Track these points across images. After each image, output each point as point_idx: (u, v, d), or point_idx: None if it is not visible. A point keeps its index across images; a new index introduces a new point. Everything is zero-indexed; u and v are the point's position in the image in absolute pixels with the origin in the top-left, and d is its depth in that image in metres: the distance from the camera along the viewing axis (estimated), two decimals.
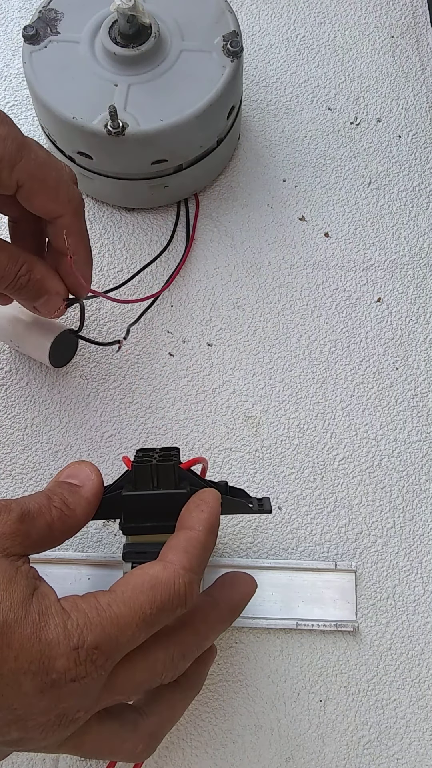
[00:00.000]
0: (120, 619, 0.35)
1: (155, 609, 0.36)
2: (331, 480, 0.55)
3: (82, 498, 0.40)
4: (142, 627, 0.36)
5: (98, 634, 0.34)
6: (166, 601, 0.36)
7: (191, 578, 0.37)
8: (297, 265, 0.62)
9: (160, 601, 0.36)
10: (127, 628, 0.35)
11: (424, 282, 0.61)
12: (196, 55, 0.57)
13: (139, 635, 0.36)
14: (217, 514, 0.40)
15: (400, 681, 0.51)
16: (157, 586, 0.36)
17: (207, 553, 0.39)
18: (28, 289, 0.48)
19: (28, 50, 0.57)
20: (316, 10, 0.71)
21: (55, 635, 0.34)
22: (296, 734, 0.50)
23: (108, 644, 0.35)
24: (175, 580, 0.37)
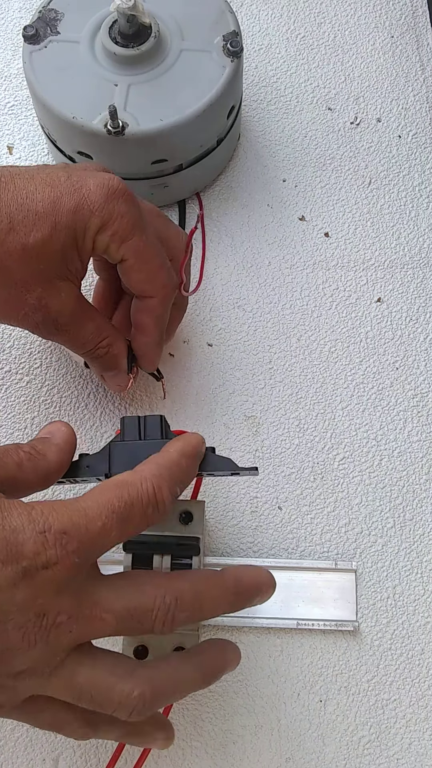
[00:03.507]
0: (87, 510, 0.36)
1: (123, 503, 0.36)
2: (331, 480, 0.55)
3: (51, 444, 0.41)
4: (112, 519, 0.36)
5: (65, 521, 0.35)
6: (134, 498, 0.36)
7: (160, 483, 0.37)
8: (297, 265, 0.62)
9: (128, 496, 0.36)
10: (96, 519, 0.35)
11: (424, 282, 0.61)
12: (196, 55, 0.57)
13: (110, 528, 0.36)
14: (193, 444, 0.41)
15: (400, 681, 0.51)
16: (124, 485, 0.37)
17: (181, 472, 0.39)
18: (104, 361, 0.50)
19: (28, 50, 0.57)
20: (316, 10, 0.71)
21: (19, 521, 0.34)
22: (296, 734, 0.50)
23: (77, 530, 0.35)
24: (142, 481, 0.37)
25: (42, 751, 0.50)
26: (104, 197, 0.45)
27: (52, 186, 0.45)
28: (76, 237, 0.45)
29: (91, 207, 0.44)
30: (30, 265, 0.44)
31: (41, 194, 0.44)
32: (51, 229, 0.44)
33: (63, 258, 0.45)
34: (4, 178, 0.45)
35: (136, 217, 0.46)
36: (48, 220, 0.44)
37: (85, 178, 0.45)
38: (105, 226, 0.45)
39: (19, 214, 0.44)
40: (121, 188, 0.45)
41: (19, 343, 0.59)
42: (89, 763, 0.50)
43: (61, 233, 0.44)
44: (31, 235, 0.44)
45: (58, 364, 0.58)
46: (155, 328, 0.49)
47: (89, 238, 0.45)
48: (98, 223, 0.45)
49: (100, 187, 0.45)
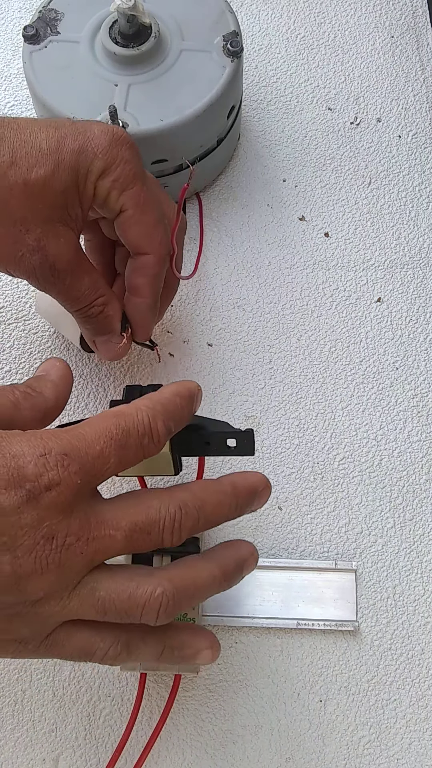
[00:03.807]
0: (86, 435, 0.36)
1: (120, 431, 0.37)
2: (331, 480, 0.55)
3: (47, 381, 0.41)
4: (110, 446, 0.36)
5: (65, 445, 0.35)
6: (131, 426, 0.37)
7: (155, 415, 0.38)
8: (297, 265, 0.62)
9: (124, 425, 0.37)
10: (94, 443, 0.36)
11: (424, 282, 0.61)
12: (196, 55, 0.57)
13: (108, 454, 0.36)
14: (188, 386, 0.42)
15: (400, 681, 0.51)
16: (121, 415, 0.37)
17: (175, 409, 0.40)
18: (96, 322, 0.49)
19: (28, 50, 0.57)
20: (316, 10, 0.71)
21: (19, 448, 0.34)
22: (296, 734, 0.50)
23: (77, 453, 0.35)
24: (138, 412, 0.38)
25: (42, 751, 0.50)
26: (108, 142, 0.44)
27: (57, 128, 0.45)
28: (78, 179, 0.44)
29: (95, 150, 0.44)
30: (31, 203, 0.44)
31: (45, 134, 0.44)
32: (54, 167, 0.44)
33: (64, 200, 0.45)
34: (8, 120, 0.45)
35: (138, 166, 0.46)
36: (51, 158, 0.43)
37: (90, 125, 0.45)
38: (107, 170, 0.44)
39: (21, 150, 0.43)
40: (125, 137, 0.45)
41: (19, 342, 0.59)
42: (89, 763, 0.50)
43: (63, 173, 0.44)
44: (33, 171, 0.43)
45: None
46: (150, 288, 0.48)
47: (91, 182, 0.45)
48: (101, 167, 0.44)
49: (105, 133, 0.45)
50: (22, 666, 0.52)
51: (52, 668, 0.52)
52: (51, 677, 0.51)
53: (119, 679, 0.51)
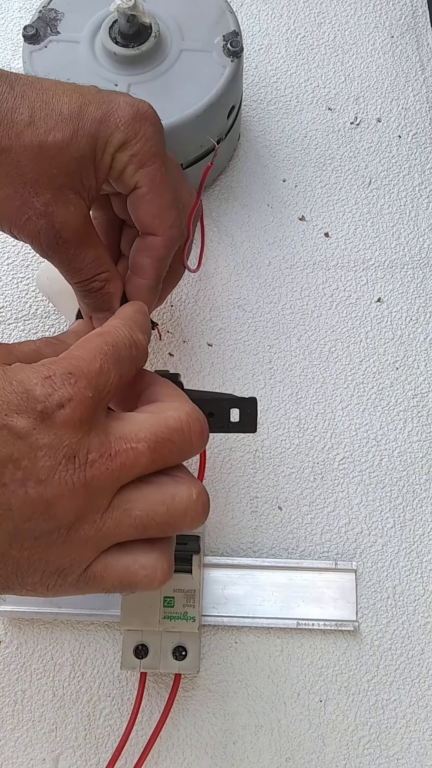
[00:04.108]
0: (82, 355, 0.36)
1: (110, 346, 0.37)
2: (331, 480, 0.55)
3: (72, 332, 0.42)
4: (107, 361, 0.36)
5: (66, 366, 0.35)
6: (117, 340, 0.38)
7: (132, 327, 0.39)
8: (297, 265, 0.62)
9: (112, 340, 0.37)
10: (92, 361, 0.36)
11: (424, 282, 0.61)
12: (196, 54, 0.57)
13: (107, 369, 0.36)
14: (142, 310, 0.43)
15: (400, 681, 0.51)
16: (104, 334, 0.38)
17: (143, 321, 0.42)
18: (95, 297, 0.48)
19: (28, 50, 0.57)
20: (316, 10, 0.71)
21: (24, 374, 0.34)
22: (296, 734, 0.50)
23: (80, 371, 0.35)
24: (116, 329, 0.39)
25: (42, 751, 0.50)
26: (132, 115, 0.44)
27: (82, 93, 0.44)
28: (96, 149, 0.44)
29: (118, 121, 0.43)
30: (44, 166, 0.43)
31: (69, 98, 0.43)
32: (72, 133, 0.43)
33: (79, 168, 0.44)
34: (32, 78, 0.44)
35: (159, 144, 0.45)
36: (71, 123, 0.43)
37: (116, 95, 0.44)
38: (128, 143, 0.44)
39: (41, 111, 0.43)
40: (150, 113, 0.44)
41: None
42: (89, 763, 0.50)
43: (82, 140, 0.43)
44: (51, 134, 0.42)
45: None
46: (153, 270, 0.47)
47: (109, 153, 0.44)
48: (122, 139, 0.43)
49: (130, 106, 0.44)
50: (22, 666, 0.52)
51: (52, 668, 0.52)
52: (51, 677, 0.51)
53: (119, 679, 0.51)
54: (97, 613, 0.52)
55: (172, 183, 0.46)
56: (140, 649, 0.49)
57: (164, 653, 0.49)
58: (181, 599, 0.48)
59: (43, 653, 0.52)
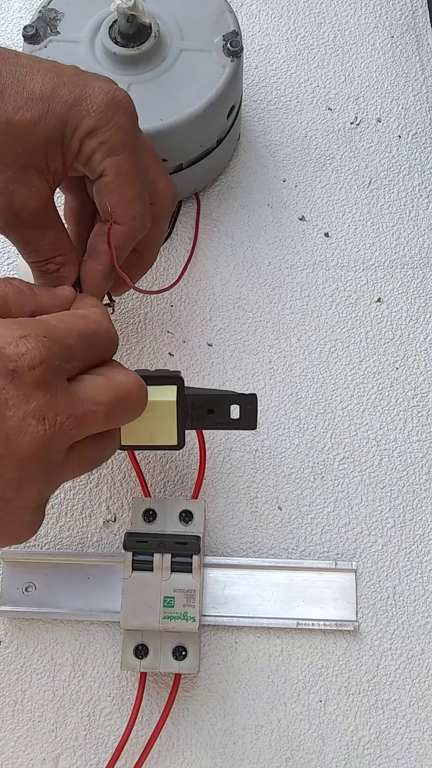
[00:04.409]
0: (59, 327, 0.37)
1: (91, 332, 0.39)
2: (331, 480, 0.55)
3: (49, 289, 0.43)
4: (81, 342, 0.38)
5: (42, 328, 0.36)
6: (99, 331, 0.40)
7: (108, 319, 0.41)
8: (297, 265, 0.62)
9: (95, 328, 0.39)
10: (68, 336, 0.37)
11: (424, 282, 0.61)
12: (196, 54, 0.57)
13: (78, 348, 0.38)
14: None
15: (400, 681, 0.51)
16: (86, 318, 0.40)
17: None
18: (49, 278, 0.47)
19: (28, 50, 0.57)
20: (316, 10, 0.71)
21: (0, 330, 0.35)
22: (296, 734, 0.50)
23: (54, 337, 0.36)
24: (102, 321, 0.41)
25: (42, 751, 0.50)
26: (106, 102, 0.43)
27: (57, 74, 0.43)
28: (65, 132, 0.43)
29: (90, 107, 0.43)
30: (9, 144, 0.42)
31: (42, 77, 0.43)
32: (41, 114, 0.42)
33: (45, 149, 0.43)
34: (9, 53, 0.43)
35: (130, 134, 0.44)
36: (41, 104, 0.42)
37: (92, 79, 0.44)
38: (97, 130, 0.43)
39: (12, 88, 0.42)
40: (126, 101, 0.44)
41: None
42: (89, 763, 0.50)
43: (50, 122, 0.42)
44: (19, 113, 0.42)
45: None
46: (108, 257, 0.47)
47: (77, 138, 0.43)
48: (91, 125, 0.43)
49: (105, 93, 0.43)
50: (22, 666, 0.52)
51: (52, 668, 0.52)
52: (51, 677, 0.51)
53: (119, 679, 0.51)
54: (97, 613, 0.52)
55: (139, 174, 0.45)
56: (140, 649, 0.49)
57: (164, 653, 0.49)
58: (181, 599, 0.48)
59: (43, 653, 0.52)
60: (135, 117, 0.45)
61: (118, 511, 0.55)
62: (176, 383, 0.46)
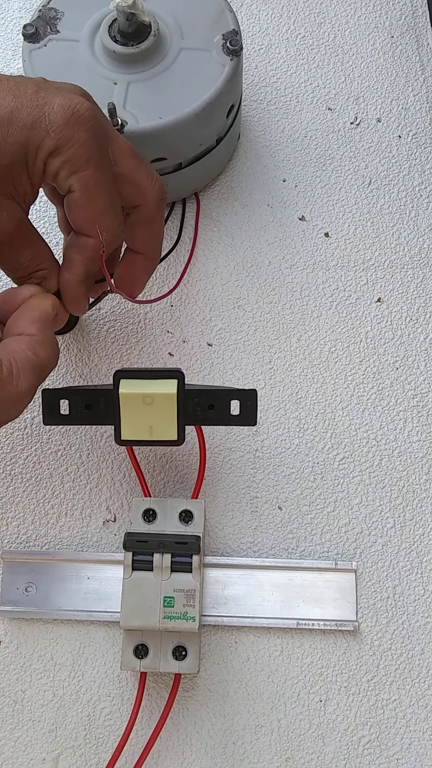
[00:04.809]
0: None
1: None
2: (331, 480, 0.55)
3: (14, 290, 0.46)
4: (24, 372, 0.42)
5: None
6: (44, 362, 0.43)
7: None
8: (297, 265, 0.62)
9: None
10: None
11: (424, 282, 0.61)
12: (195, 53, 0.57)
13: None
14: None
15: (400, 681, 0.51)
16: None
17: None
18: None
19: (27, 49, 0.57)
20: (316, 10, 0.71)
21: None
22: (296, 734, 0.50)
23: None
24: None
25: (42, 751, 0.50)
26: (65, 120, 0.42)
27: (15, 96, 0.42)
28: (27, 155, 0.43)
29: (49, 127, 0.42)
30: None
31: (1, 101, 0.42)
32: (1, 141, 0.42)
33: (10, 175, 0.43)
34: None
35: (94, 148, 0.44)
36: (0, 130, 0.42)
37: (52, 97, 0.43)
38: (59, 150, 0.43)
39: None
40: (87, 115, 0.43)
41: None
42: (89, 763, 0.50)
43: (10, 148, 0.42)
44: None
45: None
46: (82, 267, 0.47)
47: (41, 159, 0.43)
48: (52, 146, 0.42)
49: (64, 109, 0.43)
50: (22, 666, 0.52)
51: (52, 668, 0.51)
52: (51, 677, 0.51)
53: (119, 679, 0.51)
54: (97, 613, 0.52)
55: (107, 187, 0.45)
56: (140, 649, 0.49)
57: (164, 653, 0.49)
58: (181, 599, 0.48)
59: (43, 653, 0.52)
60: (99, 129, 0.44)
61: (118, 511, 0.55)
62: (177, 377, 0.46)
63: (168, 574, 0.48)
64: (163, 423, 0.46)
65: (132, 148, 0.47)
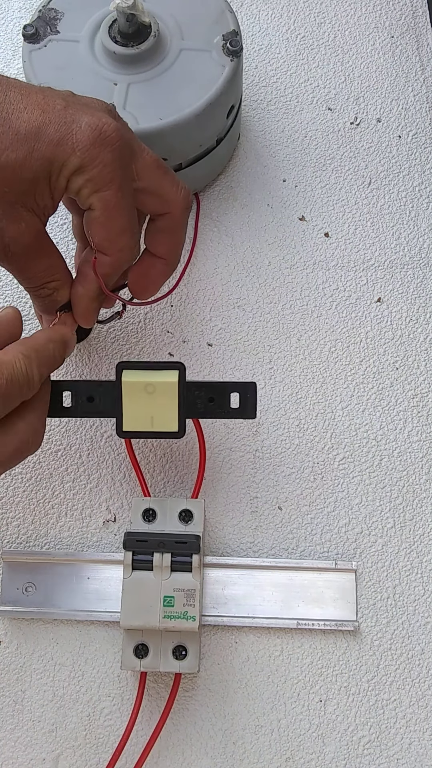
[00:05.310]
0: None
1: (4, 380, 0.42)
2: (331, 480, 0.55)
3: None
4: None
5: None
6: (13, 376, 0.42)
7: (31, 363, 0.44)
8: (297, 265, 0.62)
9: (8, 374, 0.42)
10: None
11: (424, 282, 0.61)
12: (195, 54, 0.57)
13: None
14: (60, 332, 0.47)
15: (400, 681, 0.51)
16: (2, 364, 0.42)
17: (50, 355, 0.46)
18: (44, 302, 0.49)
19: (27, 49, 0.57)
20: (316, 10, 0.71)
21: None
22: (296, 734, 0.50)
23: None
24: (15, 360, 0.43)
25: (42, 751, 0.50)
26: (92, 140, 0.43)
27: (44, 111, 0.43)
28: (51, 171, 0.43)
29: (75, 145, 0.43)
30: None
31: (29, 115, 0.42)
32: (26, 155, 0.42)
33: (32, 188, 0.43)
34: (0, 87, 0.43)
35: (117, 169, 0.44)
36: (26, 144, 0.42)
37: (80, 114, 0.43)
38: (83, 168, 0.43)
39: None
40: (113, 137, 0.43)
41: None
42: (89, 763, 0.50)
43: (35, 162, 0.42)
44: (4, 154, 0.42)
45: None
46: (96, 282, 0.47)
47: (64, 176, 0.44)
48: (77, 164, 0.43)
49: (92, 129, 0.43)
50: (22, 666, 0.52)
51: (52, 668, 0.52)
52: (51, 677, 0.51)
53: (119, 679, 0.51)
54: (97, 613, 0.52)
55: (127, 207, 0.46)
56: (140, 648, 0.49)
57: (164, 653, 0.49)
58: (181, 599, 0.48)
59: (43, 653, 0.52)
60: (124, 151, 0.44)
61: (118, 511, 0.55)
62: (178, 368, 0.47)
63: (168, 574, 0.48)
64: (164, 413, 0.47)
65: (157, 160, 0.48)
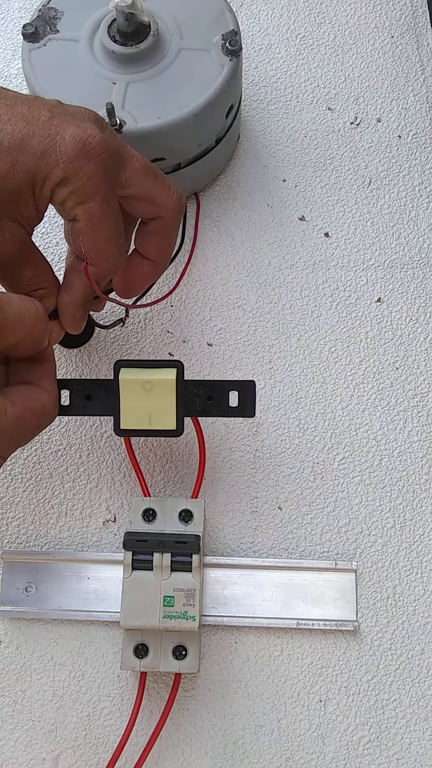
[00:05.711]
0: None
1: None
2: (331, 480, 0.55)
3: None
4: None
5: None
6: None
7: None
8: (297, 265, 0.62)
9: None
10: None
11: (424, 282, 0.61)
12: (194, 53, 0.56)
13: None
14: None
15: (400, 681, 0.51)
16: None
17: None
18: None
19: (27, 48, 0.57)
20: (316, 10, 0.71)
21: None
22: (296, 734, 0.50)
23: None
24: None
25: (42, 751, 0.50)
26: (75, 152, 0.43)
27: (28, 122, 0.43)
28: (35, 183, 0.43)
29: (58, 157, 0.43)
30: None
31: (13, 127, 0.43)
32: (10, 166, 0.42)
33: (16, 199, 0.43)
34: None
35: (101, 181, 0.44)
36: (10, 156, 0.42)
37: (65, 126, 0.43)
38: (67, 180, 0.43)
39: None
40: (97, 149, 0.43)
41: None
42: (89, 763, 0.50)
43: (18, 174, 0.42)
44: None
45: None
46: (81, 291, 0.47)
47: (48, 188, 0.43)
48: (60, 176, 0.43)
49: (75, 141, 0.43)
50: (22, 666, 0.52)
51: (52, 668, 0.51)
52: (51, 677, 0.51)
53: (119, 679, 0.51)
54: (97, 613, 0.52)
55: (112, 218, 0.45)
56: (140, 648, 0.49)
57: (164, 653, 0.49)
58: (181, 598, 0.48)
59: (43, 653, 0.52)
60: (109, 162, 0.44)
61: (118, 511, 0.55)
62: (176, 366, 0.47)
63: (168, 574, 0.48)
64: (162, 411, 0.47)
65: (147, 165, 0.47)
